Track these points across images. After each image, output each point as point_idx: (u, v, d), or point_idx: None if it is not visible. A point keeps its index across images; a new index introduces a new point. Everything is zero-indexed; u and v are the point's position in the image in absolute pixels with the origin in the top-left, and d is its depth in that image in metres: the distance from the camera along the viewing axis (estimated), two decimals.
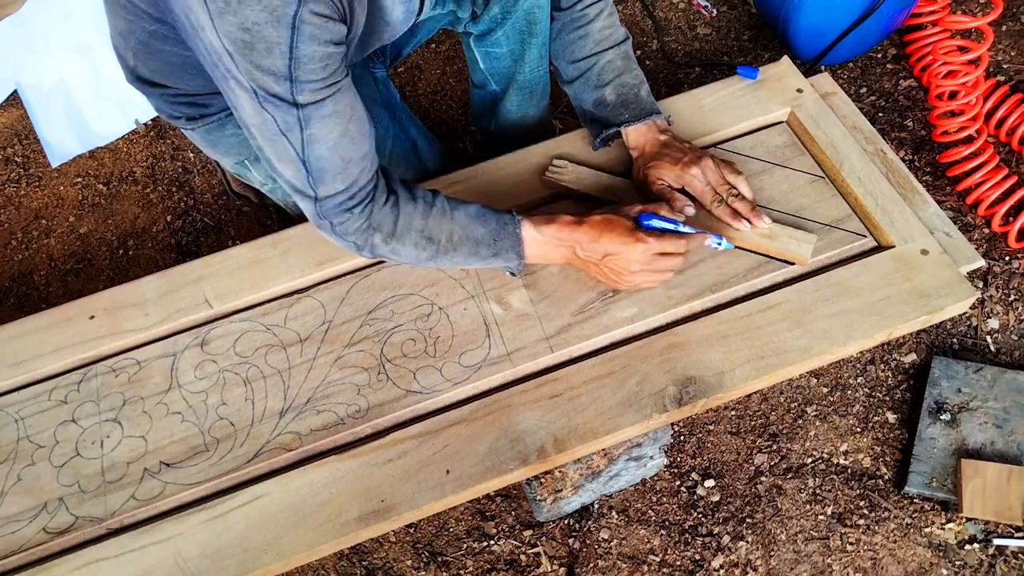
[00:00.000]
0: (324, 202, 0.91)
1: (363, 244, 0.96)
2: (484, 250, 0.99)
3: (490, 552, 1.23)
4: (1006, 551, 1.15)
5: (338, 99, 0.85)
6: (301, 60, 0.78)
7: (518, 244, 0.99)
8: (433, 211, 0.97)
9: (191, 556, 0.89)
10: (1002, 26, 1.70)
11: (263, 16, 0.74)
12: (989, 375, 1.25)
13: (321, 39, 0.78)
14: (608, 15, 1.13)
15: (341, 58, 0.84)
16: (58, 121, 1.79)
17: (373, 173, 0.93)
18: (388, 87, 1.29)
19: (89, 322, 1.09)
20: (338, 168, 0.88)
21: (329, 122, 0.85)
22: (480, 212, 0.99)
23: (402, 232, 0.96)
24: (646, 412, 0.94)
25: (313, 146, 0.85)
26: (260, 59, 0.77)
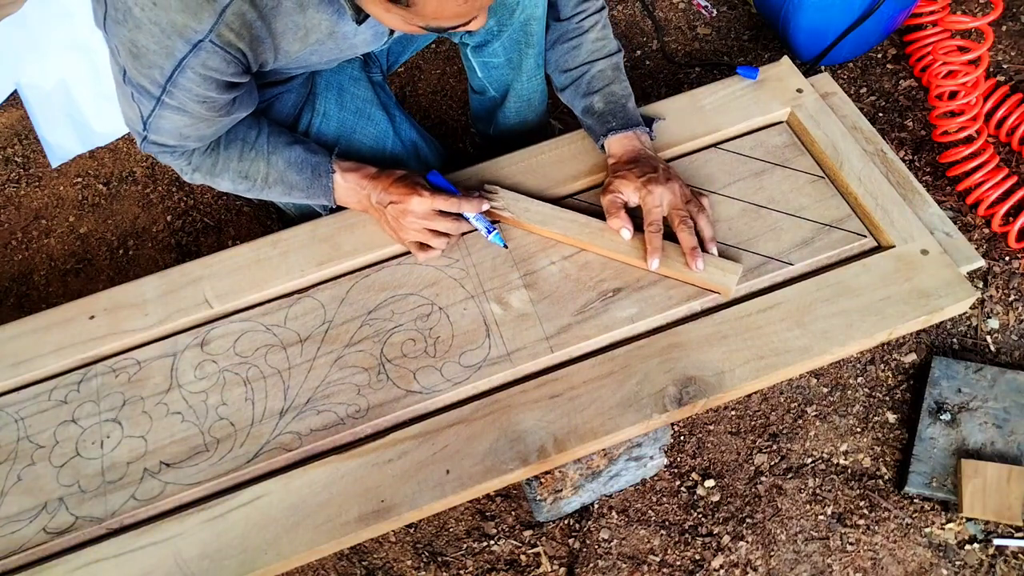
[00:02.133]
0: (149, 144, 0.99)
1: (184, 173, 1.06)
2: (298, 193, 1.09)
3: (490, 552, 1.23)
4: (1006, 551, 1.15)
5: (202, 121, 0.93)
6: (177, 85, 0.85)
7: (329, 193, 1.08)
8: (252, 152, 1.05)
9: (191, 556, 0.89)
10: (1002, 26, 1.70)
11: (153, 45, 0.80)
12: (989, 375, 1.25)
13: (205, 85, 0.86)
14: (602, 27, 1.14)
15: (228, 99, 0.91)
16: (58, 121, 1.79)
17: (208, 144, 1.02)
18: (385, 90, 1.29)
19: (89, 322, 1.09)
20: (173, 137, 0.96)
21: (183, 119, 0.92)
22: (299, 159, 1.07)
23: (220, 171, 1.06)
24: (646, 412, 0.94)
25: (158, 120, 0.92)
26: (142, 67, 0.84)
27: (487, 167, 1.18)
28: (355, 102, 1.22)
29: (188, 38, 0.79)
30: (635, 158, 1.08)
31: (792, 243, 1.06)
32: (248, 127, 1.06)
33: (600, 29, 1.14)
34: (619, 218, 1.05)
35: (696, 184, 1.13)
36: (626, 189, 1.05)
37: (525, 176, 1.16)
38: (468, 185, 1.16)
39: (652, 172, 1.05)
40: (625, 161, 1.09)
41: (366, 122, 1.22)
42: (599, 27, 1.14)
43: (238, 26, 0.82)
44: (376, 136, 1.23)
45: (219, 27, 0.80)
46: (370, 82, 1.25)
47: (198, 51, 0.80)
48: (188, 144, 0.99)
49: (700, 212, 1.05)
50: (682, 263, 1.02)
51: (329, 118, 1.19)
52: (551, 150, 1.19)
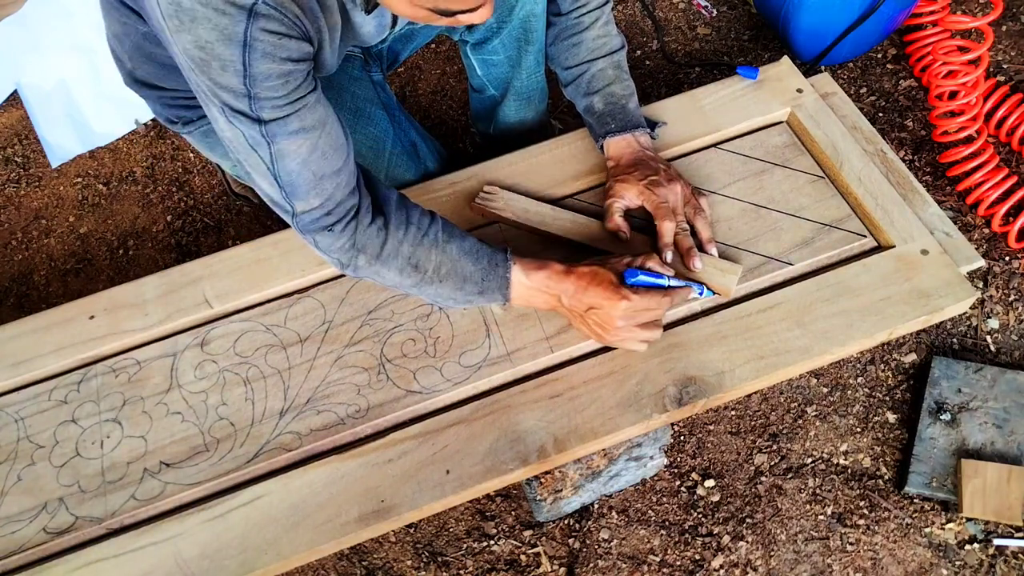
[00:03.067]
0: (301, 217, 0.89)
1: (347, 263, 0.94)
2: (471, 287, 0.97)
3: (490, 552, 1.23)
4: (1006, 551, 1.15)
5: (304, 115, 0.84)
6: (256, 77, 0.78)
7: (506, 287, 0.97)
8: (425, 240, 0.95)
9: (191, 556, 0.89)
10: (1002, 26, 1.70)
11: (214, 35, 0.75)
12: (989, 375, 1.25)
13: (276, 56, 0.78)
14: (604, 24, 1.13)
15: (305, 75, 0.83)
16: (58, 121, 1.79)
17: (351, 189, 0.91)
18: (385, 89, 1.29)
19: (89, 322, 1.09)
20: (310, 183, 0.87)
21: (297, 138, 0.84)
22: (473, 248, 0.97)
23: (388, 256, 0.94)
24: (646, 412, 0.94)
25: (282, 161, 0.84)
26: (217, 76, 0.78)
27: (487, 167, 1.18)
28: (355, 101, 1.21)
29: (240, 4, 0.75)
30: (635, 161, 1.08)
31: (792, 243, 1.06)
32: (422, 215, 0.97)
33: (602, 25, 1.13)
34: (616, 221, 1.05)
35: (696, 184, 1.13)
36: (628, 193, 1.06)
37: (525, 176, 1.16)
38: (468, 185, 1.16)
39: (653, 175, 1.05)
40: (625, 164, 1.09)
41: (366, 122, 1.22)
42: (600, 23, 1.13)
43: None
44: (376, 136, 1.22)
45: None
46: (370, 81, 1.25)
47: (255, 17, 0.76)
48: (328, 189, 0.88)
49: (698, 213, 1.05)
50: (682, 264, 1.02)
51: None
52: (551, 150, 1.19)
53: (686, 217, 1.05)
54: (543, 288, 0.97)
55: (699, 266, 1.01)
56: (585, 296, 0.94)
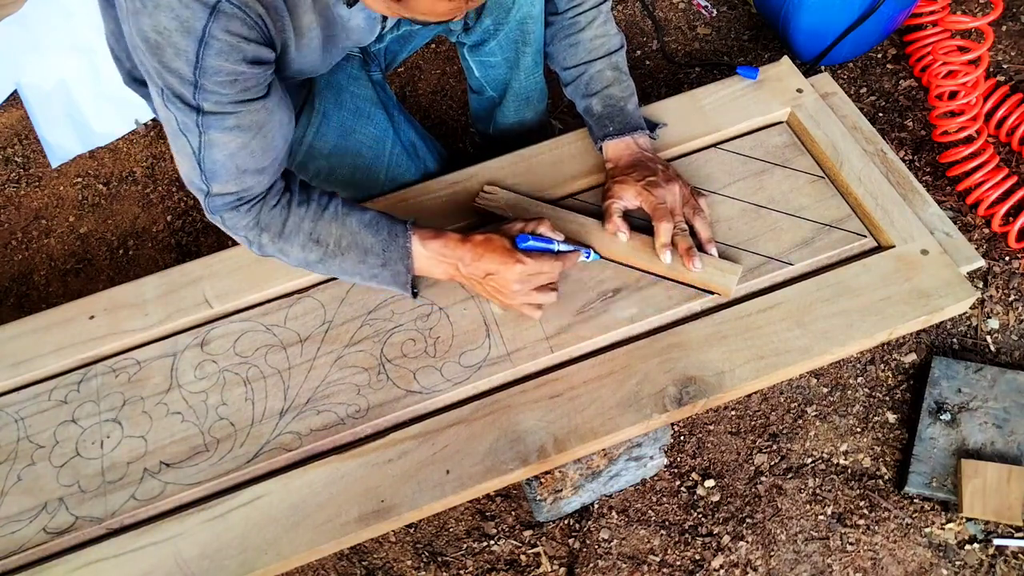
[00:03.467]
0: (214, 199, 0.93)
1: (252, 240, 0.98)
2: (373, 259, 0.99)
3: (490, 552, 1.23)
4: (1006, 551, 1.15)
5: (244, 116, 0.87)
6: (207, 71, 0.81)
7: (407, 257, 0.99)
8: (325, 214, 0.98)
9: (191, 556, 0.89)
10: (1002, 26, 1.70)
11: (174, 24, 0.77)
12: (989, 375, 1.25)
13: (230, 57, 0.81)
14: (601, 23, 1.13)
15: (257, 78, 0.85)
16: (58, 121, 1.79)
17: (269, 184, 0.95)
18: (385, 89, 1.29)
19: (89, 322, 1.09)
20: (231, 175, 0.90)
21: (230, 134, 0.87)
22: (373, 220, 1.00)
23: (290, 233, 0.97)
24: (646, 412, 0.94)
25: (210, 150, 0.88)
26: (168, 61, 0.80)
27: (487, 167, 1.18)
28: (354, 101, 1.21)
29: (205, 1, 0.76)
30: (633, 162, 1.08)
31: (792, 243, 1.06)
32: (321, 194, 1.00)
33: (599, 25, 1.13)
34: (615, 222, 1.05)
35: (696, 184, 1.13)
36: (626, 194, 1.06)
37: (525, 176, 1.16)
38: (468, 186, 1.16)
39: (651, 175, 1.05)
40: (623, 166, 1.09)
41: (366, 122, 1.22)
42: (598, 23, 1.13)
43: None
44: (376, 136, 1.22)
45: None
46: (370, 80, 1.25)
47: (218, 15, 0.78)
48: (249, 185, 0.92)
49: (697, 213, 1.05)
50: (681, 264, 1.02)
51: (328, 118, 1.19)
52: (551, 150, 1.19)
53: (685, 217, 1.05)
54: (440, 257, 1.00)
55: (699, 266, 1.01)
56: (481, 263, 0.97)
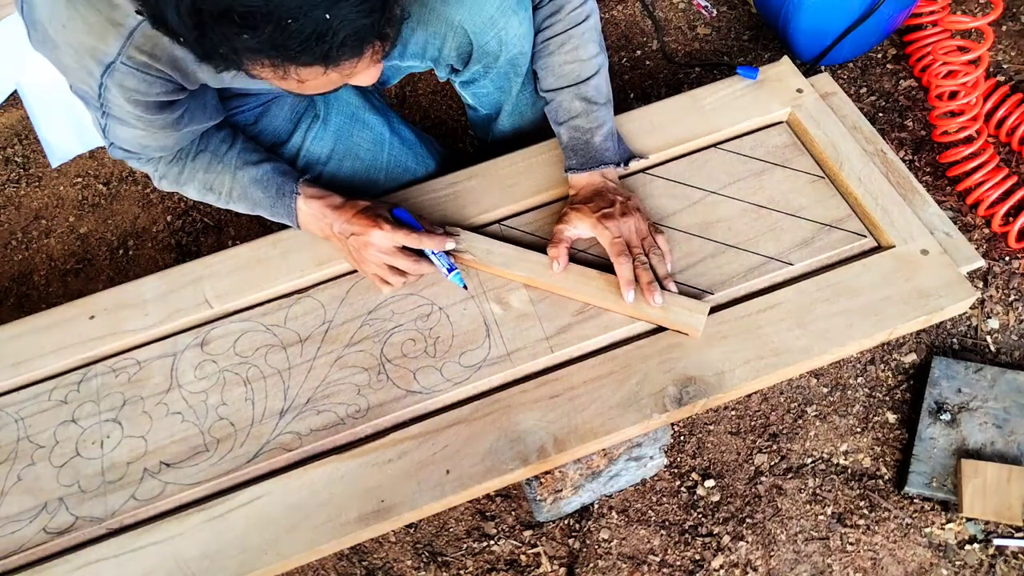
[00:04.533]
0: (116, 150, 1.00)
1: (152, 178, 1.08)
2: (263, 211, 1.08)
3: (490, 552, 1.23)
4: (1006, 551, 1.15)
5: (146, 127, 0.93)
6: (109, 103, 0.87)
7: (292, 214, 1.07)
8: (219, 165, 1.06)
9: (191, 556, 0.89)
10: (1002, 26, 1.70)
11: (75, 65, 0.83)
12: (989, 375, 1.25)
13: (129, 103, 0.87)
14: (572, 49, 1.08)
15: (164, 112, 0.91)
16: (58, 121, 1.79)
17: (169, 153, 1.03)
18: (377, 97, 1.28)
19: (89, 322, 1.09)
20: (134, 147, 0.98)
21: (134, 132, 0.94)
22: (264, 176, 1.06)
23: (186, 181, 1.07)
24: (646, 412, 0.94)
25: (114, 130, 0.94)
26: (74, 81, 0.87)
27: (487, 167, 1.18)
28: (349, 107, 1.21)
29: (100, 59, 0.80)
30: (592, 194, 1.06)
31: (792, 243, 1.06)
32: (221, 141, 1.05)
33: (569, 51, 1.08)
34: (557, 249, 1.03)
35: (696, 184, 1.13)
36: (579, 223, 1.04)
37: (524, 176, 1.16)
38: (468, 186, 1.16)
39: (608, 207, 1.03)
40: (583, 196, 1.07)
41: (361, 126, 1.21)
42: (568, 48, 1.08)
43: (150, 47, 0.81)
44: (373, 139, 1.22)
45: (128, 50, 0.80)
46: (360, 89, 1.24)
47: (112, 72, 0.81)
48: (151, 154, 1.01)
49: (651, 250, 1.02)
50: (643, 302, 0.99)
51: (327, 122, 1.19)
52: (550, 150, 1.19)
53: (643, 251, 1.02)
54: (318, 215, 1.05)
55: (659, 301, 0.98)
56: (349, 224, 1.03)
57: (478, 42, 1.08)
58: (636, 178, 1.15)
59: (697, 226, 1.09)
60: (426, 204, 1.15)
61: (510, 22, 1.06)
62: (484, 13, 1.04)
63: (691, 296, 1.02)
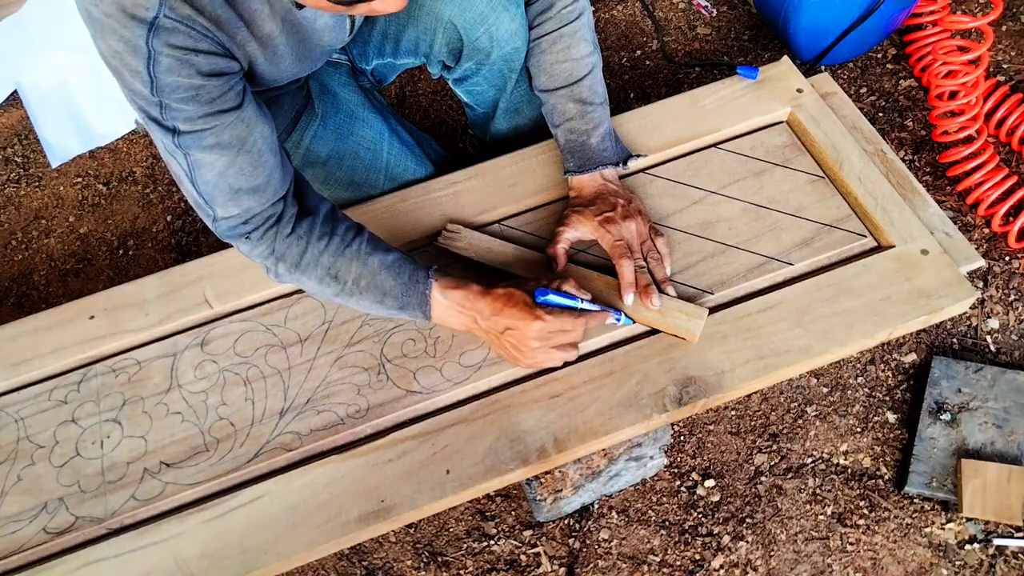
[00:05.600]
0: (220, 223, 0.90)
1: (270, 268, 0.96)
2: (391, 301, 0.96)
3: (490, 552, 1.23)
4: (1006, 551, 1.15)
5: (221, 132, 0.83)
6: (164, 88, 0.78)
7: (425, 304, 0.96)
8: (347, 251, 0.95)
9: (191, 556, 0.89)
10: (1002, 26, 1.70)
11: (120, 45, 0.76)
12: (989, 375, 1.25)
13: (184, 71, 0.78)
14: (563, 48, 1.06)
15: (222, 90, 0.82)
16: (58, 121, 1.79)
17: (272, 203, 0.91)
18: (376, 96, 1.28)
19: (89, 322, 1.09)
20: (227, 195, 0.87)
21: (213, 153, 0.84)
22: (396, 262, 0.96)
23: (307, 266, 0.95)
24: (646, 412, 0.94)
25: (199, 171, 0.85)
26: (129, 83, 0.79)
27: (487, 167, 1.18)
28: (348, 106, 1.21)
29: (141, 17, 0.74)
30: (593, 196, 1.06)
31: (792, 243, 1.06)
32: (348, 228, 0.97)
33: (561, 50, 1.06)
34: (555, 249, 1.03)
35: (696, 184, 1.13)
36: (581, 226, 1.04)
37: (525, 175, 1.16)
38: (469, 185, 1.16)
39: (609, 211, 1.03)
40: (585, 197, 1.07)
41: (361, 124, 1.21)
42: (559, 47, 1.07)
43: None
44: (372, 139, 1.22)
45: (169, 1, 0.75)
46: (359, 88, 1.24)
47: (157, 31, 0.75)
48: (246, 203, 0.89)
49: (650, 254, 1.02)
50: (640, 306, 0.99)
51: (327, 121, 1.19)
52: (550, 150, 1.19)
53: (642, 255, 1.02)
54: (459, 308, 0.96)
55: (656, 304, 0.98)
56: (500, 317, 0.94)
57: (468, 38, 1.07)
58: (636, 178, 1.15)
59: (697, 226, 1.09)
60: (426, 204, 1.15)
61: (500, 18, 1.05)
62: (474, 9, 1.04)
63: (691, 298, 1.02)
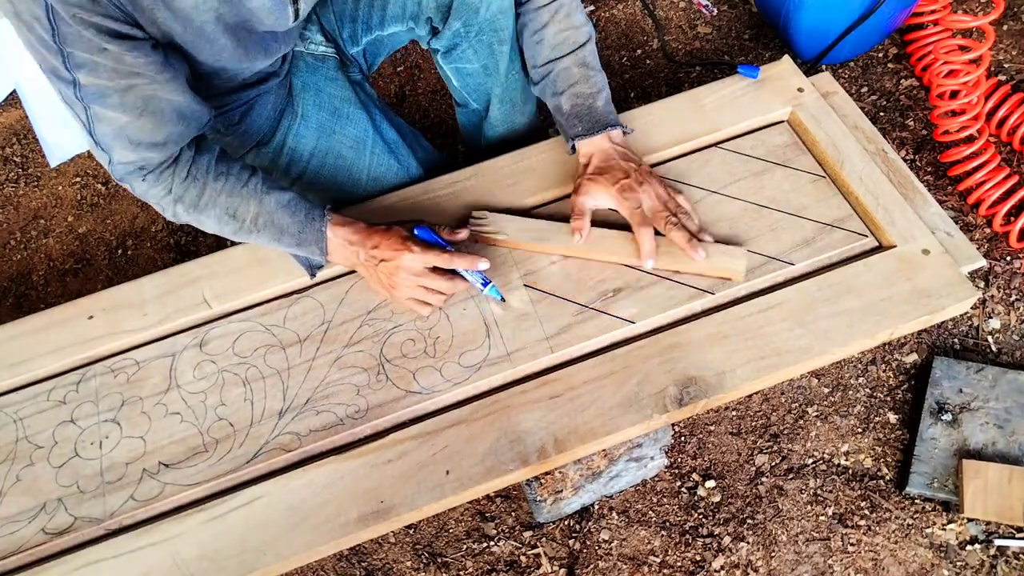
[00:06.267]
0: (116, 167, 0.92)
1: (166, 207, 0.98)
2: (288, 239, 1.01)
3: (490, 553, 1.22)
4: (1007, 552, 1.15)
5: (127, 95, 0.84)
6: (66, 38, 0.78)
7: (322, 240, 1.01)
8: (243, 190, 0.99)
9: (190, 557, 0.89)
10: (1003, 25, 1.70)
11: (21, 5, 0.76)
12: (990, 375, 1.25)
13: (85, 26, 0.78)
14: (565, 16, 1.09)
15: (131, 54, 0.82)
16: (57, 120, 1.78)
17: (172, 154, 0.93)
18: (365, 89, 1.26)
19: (88, 322, 1.09)
20: (125, 147, 0.89)
21: (113, 111, 0.85)
22: (292, 202, 1.01)
23: (206, 206, 0.98)
24: (647, 412, 0.93)
25: (98, 123, 0.87)
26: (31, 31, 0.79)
27: (488, 166, 1.18)
28: (332, 102, 1.19)
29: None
30: (607, 162, 1.06)
31: (793, 243, 1.05)
32: (242, 168, 1.00)
33: (563, 19, 1.09)
34: (581, 220, 1.04)
35: (697, 184, 1.12)
36: (598, 194, 1.05)
37: (526, 174, 1.16)
38: (468, 185, 1.16)
39: (625, 177, 1.04)
40: (597, 165, 1.07)
41: (345, 122, 1.19)
42: (561, 16, 1.09)
43: None
44: (356, 137, 1.20)
45: None
46: (348, 81, 1.22)
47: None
48: (148, 157, 0.90)
49: (678, 211, 1.04)
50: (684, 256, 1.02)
51: (308, 119, 1.17)
52: (551, 149, 1.18)
53: (672, 212, 1.03)
54: (346, 243, 1.02)
55: (702, 255, 1.01)
56: (377, 250, 1.00)
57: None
58: None
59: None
60: (426, 203, 1.15)
61: None
62: None
63: (691, 297, 1.02)
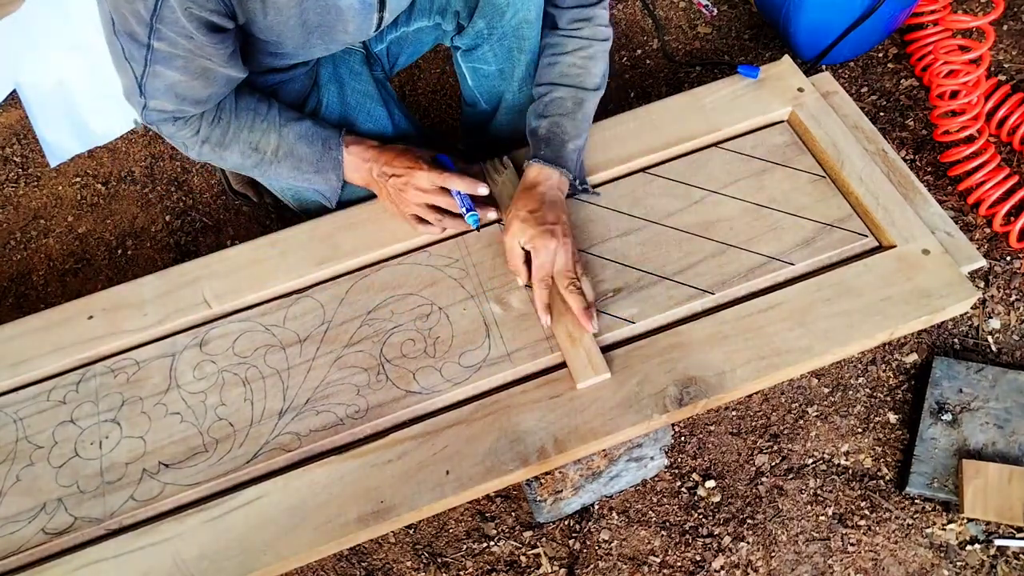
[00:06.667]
0: (151, 112, 0.96)
1: (191, 147, 1.04)
2: (307, 167, 1.09)
3: (490, 553, 1.22)
4: (1007, 552, 1.15)
5: (192, 62, 0.89)
6: (164, 19, 0.82)
7: (339, 167, 1.09)
8: (263, 123, 1.05)
9: (190, 557, 0.89)
10: (1003, 25, 1.70)
11: None
12: (990, 375, 1.25)
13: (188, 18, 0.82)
14: (586, 57, 1.09)
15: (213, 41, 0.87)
16: (57, 121, 1.78)
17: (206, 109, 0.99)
18: (387, 87, 1.28)
19: (88, 322, 1.09)
20: (170, 99, 0.94)
21: (176, 73, 0.90)
22: (309, 131, 1.08)
23: (230, 142, 1.04)
24: (647, 412, 0.93)
25: (152, 79, 0.91)
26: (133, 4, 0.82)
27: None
28: (355, 96, 1.20)
29: None
30: (542, 201, 1.03)
31: (793, 243, 1.06)
32: (259, 100, 1.06)
33: (584, 59, 1.09)
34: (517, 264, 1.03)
35: (697, 184, 1.13)
36: (520, 233, 1.02)
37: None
38: None
39: (552, 224, 1.01)
40: (533, 197, 1.04)
41: (365, 117, 1.21)
42: (584, 54, 1.09)
43: None
44: (374, 133, 1.21)
45: None
46: (371, 77, 1.23)
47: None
48: (186, 109, 0.97)
49: (584, 275, 1.02)
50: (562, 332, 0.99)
51: (331, 110, 1.18)
52: None
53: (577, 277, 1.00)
54: (360, 160, 1.09)
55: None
56: (390, 166, 1.07)
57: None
58: (636, 178, 1.15)
59: (698, 225, 1.09)
60: None
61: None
62: None
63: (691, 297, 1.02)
